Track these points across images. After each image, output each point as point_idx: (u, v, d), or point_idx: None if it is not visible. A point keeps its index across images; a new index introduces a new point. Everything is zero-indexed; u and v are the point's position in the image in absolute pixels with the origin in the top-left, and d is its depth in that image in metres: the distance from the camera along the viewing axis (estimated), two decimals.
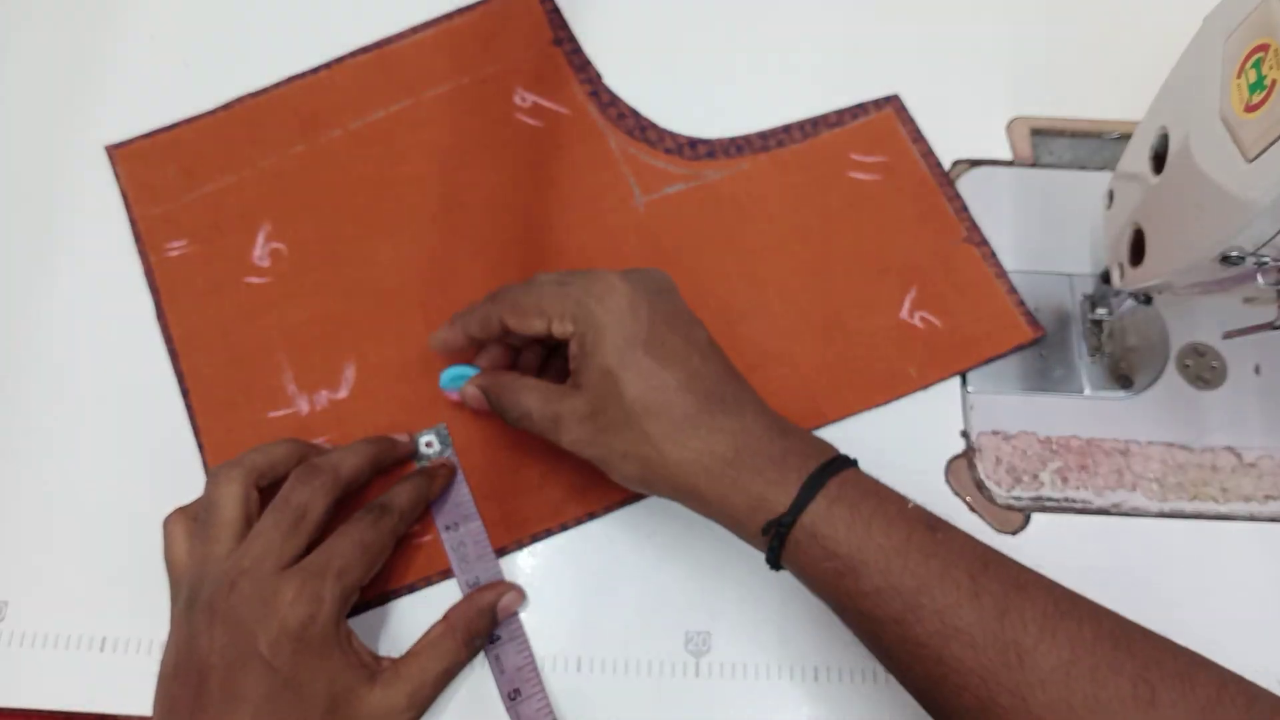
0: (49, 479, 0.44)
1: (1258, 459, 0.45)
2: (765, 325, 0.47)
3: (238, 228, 0.48)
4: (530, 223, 0.49)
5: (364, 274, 0.48)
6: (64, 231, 0.49)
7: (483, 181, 0.49)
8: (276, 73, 0.51)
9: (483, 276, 0.47)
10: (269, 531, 0.38)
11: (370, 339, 0.47)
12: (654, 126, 0.51)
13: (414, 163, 0.50)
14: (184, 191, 0.49)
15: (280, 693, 0.35)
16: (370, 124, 0.51)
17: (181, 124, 0.50)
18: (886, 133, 0.50)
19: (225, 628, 0.36)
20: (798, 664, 0.41)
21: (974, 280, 0.48)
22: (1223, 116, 0.33)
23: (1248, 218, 0.32)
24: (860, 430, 0.45)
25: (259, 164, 0.50)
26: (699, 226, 0.49)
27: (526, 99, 0.51)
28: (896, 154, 0.50)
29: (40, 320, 0.47)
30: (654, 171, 0.50)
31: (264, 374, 0.46)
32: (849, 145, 0.50)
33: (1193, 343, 0.47)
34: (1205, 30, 0.36)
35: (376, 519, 0.40)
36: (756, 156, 0.50)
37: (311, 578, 0.37)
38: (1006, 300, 0.47)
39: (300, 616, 0.36)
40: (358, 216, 0.49)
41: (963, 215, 0.49)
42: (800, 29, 0.53)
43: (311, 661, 0.36)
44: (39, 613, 0.42)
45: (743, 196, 0.49)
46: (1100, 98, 0.52)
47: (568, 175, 0.50)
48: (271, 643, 0.35)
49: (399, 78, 0.51)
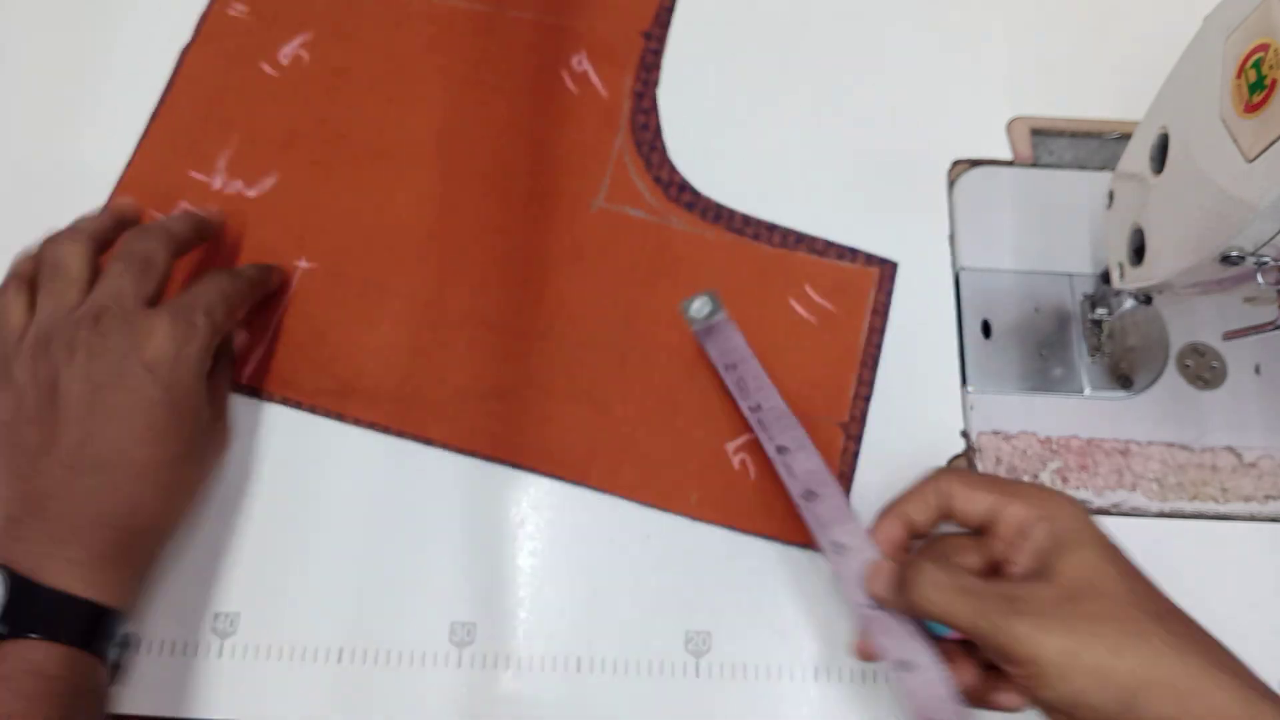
0: None
1: (1258, 459, 0.45)
2: (618, 367, 0.46)
3: (289, 22, 0.53)
4: (503, 161, 0.50)
5: (343, 115, 0.51)
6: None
7: (492, 106, 0.51)
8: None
9: (428, 167, 0.50)
10: (119, 275, 0.39)
11: (303, 165, 0.50)
12: (662, 151, 0.51)
13: (453, 58, 0.53)
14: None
15: (161, 401, 0.37)
16: (447, 7, 0.54)
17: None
18: (855, 289, 0.48)
19: (90, 356, 0.37)
20: (798, 664, 0.41)
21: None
22: (1223, 117, 0.33)
23: (1248, 217, 0.32)
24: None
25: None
26: (629, 255, 0.48)
27: (582, 65, 0.52)
28: (846, 313, 0.47)
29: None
30: (629, 188, 0.50)
31: (213, 140, 0.51)
32: (811, 277, 0.48)
33: (1193, 343, 0.47)
34: (1205, 30, 0.36)
35: (233, 274, 0.42)
36: (724, 233, 0.49)
37: (181, 311, 0.39)
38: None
39: (176, 342, 0.38)
40: (377, 72, 0.52)
41: (858, 403, 0.45)
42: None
43: (187, 383, 0.38)
44: None
45: (686, 257, 0.48)
46: (1100, 98, 0.52)
47: (561, 144, 0.51)
48: (150, 361, 0.37)
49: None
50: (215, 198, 0.49)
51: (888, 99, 0.52)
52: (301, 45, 0.53)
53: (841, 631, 0.42)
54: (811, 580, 0.43)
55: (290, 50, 0.53)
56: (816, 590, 0.42)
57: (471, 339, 0.46)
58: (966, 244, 0.49)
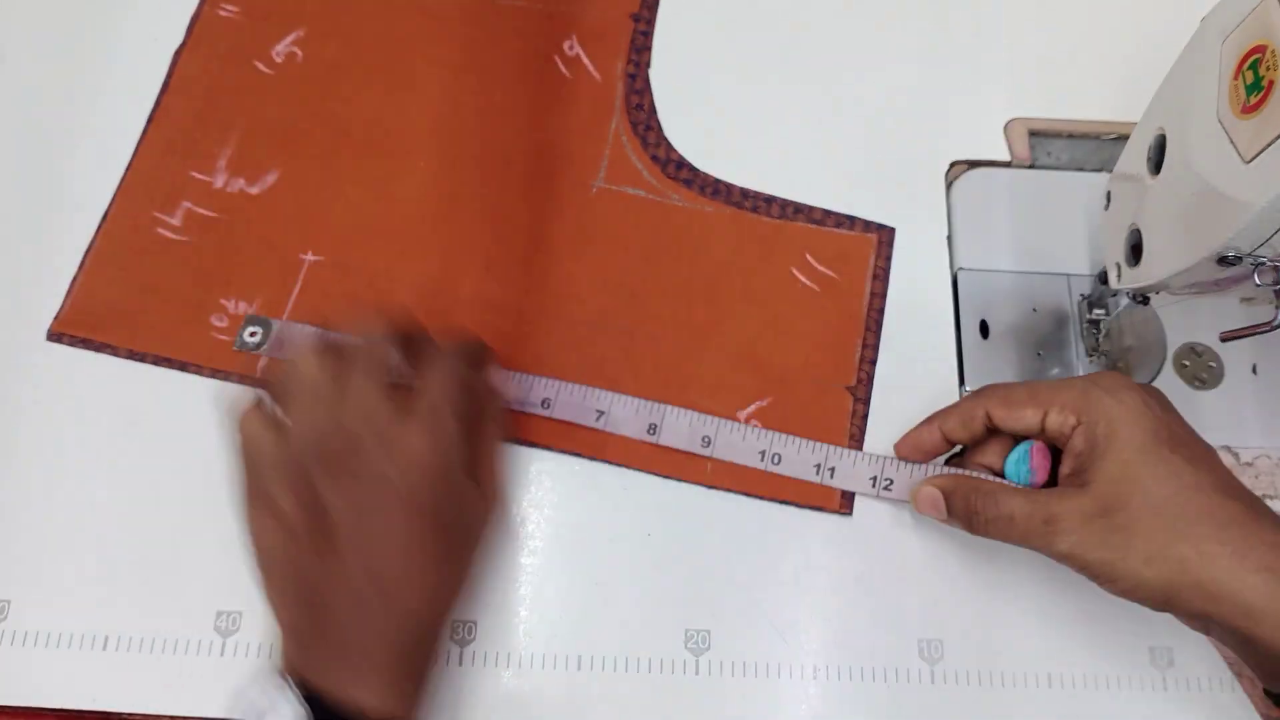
0: (51, 475, 0.45)
1: (1255, 458, 0.45)
2: (627, 345, 0.47)
3: (281, 20, 0.54)
4: (501, 148, 0.50)
5: (340, 109, 0.52)
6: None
7: (487, 94, 0.52)
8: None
9: (428, 157, 0.50)
10: (365, 391, 0.38)
11: (304, 160, 0.50)
12: (658, 130, 0.51)
13: (446, 48, 0.53)
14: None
15: (428, 512, 0.37)
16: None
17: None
18: (855, 255, 0.49)
19: (354, 480, 0.36)
20: (797, 662, 0.41)
21: (828, 428, 0.45)
22: (1220, 118, 0.33)
23: (1245, 218, 0.32)
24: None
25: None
26: (632, 234, 0.49)
27: (574, 49, 0.53)
28: (849, 279, 0.48)
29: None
30: (628, 168, 0.50)
31: (212, 140, 0.51)
32: (812, 246, 0.49)
33: (1190, 343, 0.47)
34: (1202, 32, 0.36)
35: (465, 356, 0.40)
36: (724, 207, 0.50)
37: (432, 418, 0.38)
38: None
39: (433, 453, 0.37)
40: (371, 66, 0.53)
41: (865, 367, 0.46)
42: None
43: (448, 488, 0.37)
44: (41, 611, 0.42)
45: (686, 233, 0.49)
46: (1098, 99, 0.52)
47: (558, 128, 0.51)
48: (412, 479, 0.36)
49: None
50: (218, 197, 0.50)
51: (885, 101, 0.52)
52: (294, 42, 0.53)
53: (840, 630, 0.42)
54: (811, 579, 0.43)
55: (283, 48, 0.53)
56: (816, 589, 0.43)
57: (480, 324, 0.46)
58: (964, 245, 0.49)
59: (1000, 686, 0.41)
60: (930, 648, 0.41)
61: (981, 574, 0.43)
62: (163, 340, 0.47)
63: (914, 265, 0.49)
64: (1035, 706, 0.40)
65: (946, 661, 0.41)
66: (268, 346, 0.46)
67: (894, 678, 0.41)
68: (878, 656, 0.41)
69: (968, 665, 0.41)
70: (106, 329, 0.47)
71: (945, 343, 0.47)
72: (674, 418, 0.45)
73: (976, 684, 0.41)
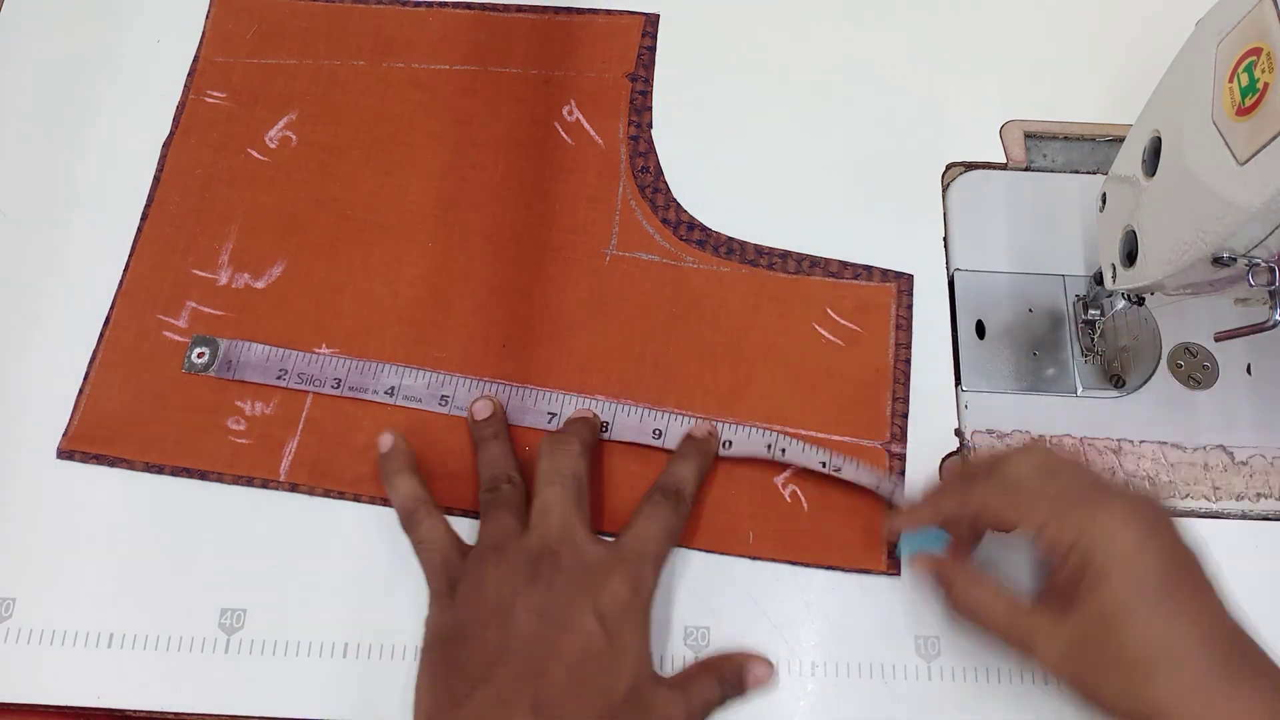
0: (55, 472, 0.45)
1: (1249, 458, 0.46)
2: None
3: (271, 104, 0.52)
4: (509, 221, 0.50)
5: (341, 193, 0.50)
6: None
7: (490, 167, 0.51)
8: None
9: (435, 236, 0.49)
10: (562, 504, 0.39)
11: (308, 249, 0.49)
12: (667, 193, 0.50)
13: (444, 122, 0.52)
14: (250, 54, 0.54)
15: (597, 655, 0.37)
16: (430, 71, 0.53)
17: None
18: (876, 306, 0.48)
19: (547, 591, 0.37)
20: (795, 659, 0.42)
21: (866, 489, 0.44)
22: (1214, 120, 0.33)
23: (1239, 220, 0.32)
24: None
25: (320, 59, 0.53)
26: (650, 301, 0.48)
27: (574, 114, 0.52)
28: (872, 331, 0.47)
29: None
30: (640, 233, 0.49)
31: (211, 234, 0.49)
32: (832, 300, 0.48)
33: (1184, 343, 0.48)
34: (1198, 34, 0.36)
35: (676, 505, 0.41)
36: (740, 266, 0.48)
37: (632, 561, 0.39)
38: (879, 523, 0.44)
39: (626, 592, 0.38)
40: (369, 145, 0.51)
41: (897, 420, 0.45)
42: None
43: (629, 635, 0.38)
44: (45, 609, 0.42)
45: (704, 296, 0.48)
46: (1093, 101, 0.52)
47: (565, 197, 0.50)
48: (600, 610, 0.37)
49: (480, 44, 0.54)
50: (223, 294, 0.48)
51: (881, 104, 0.53)
52: (287, 126, 0.52)
53: (838, 628, 0.42)
54: (810, 577, 0.43)
55: (276, 133, 0.51)
56: (815, 587, 0.43)
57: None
58: (961, 246, 0.50)
59: (996, 682, 0.41)
60: (927, 644, 0.42)
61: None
62: (178, 450, 0.45)
63: (915, 276, 0.48)
64: (1031, 702, 0.41)
65: (943, 658, 0.41)
66: (215, 367, 0.46)
67: (891, 674, 0.41)
68: (875, 653, 0.42)
69: (964, 661, 0.41)
70: (117, 443, 0.45)
71: (942, 344, 0.47)
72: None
73: (973, 680, 0.41)
